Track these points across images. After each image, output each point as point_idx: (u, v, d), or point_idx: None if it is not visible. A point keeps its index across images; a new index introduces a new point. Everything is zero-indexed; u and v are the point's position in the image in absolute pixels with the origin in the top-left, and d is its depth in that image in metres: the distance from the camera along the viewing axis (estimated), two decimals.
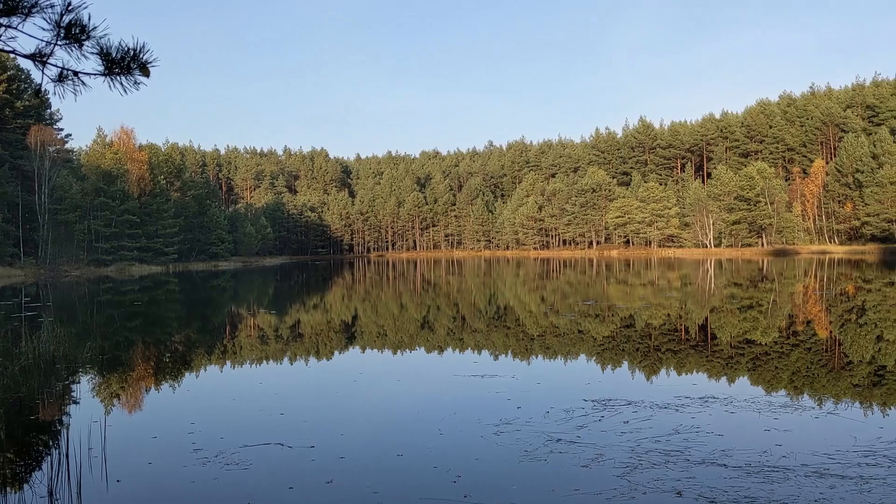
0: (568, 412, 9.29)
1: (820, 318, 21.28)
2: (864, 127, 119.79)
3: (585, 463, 7.14)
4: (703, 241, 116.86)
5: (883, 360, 13.40)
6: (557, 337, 17.65)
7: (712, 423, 8.62)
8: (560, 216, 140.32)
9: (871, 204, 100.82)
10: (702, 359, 13.99)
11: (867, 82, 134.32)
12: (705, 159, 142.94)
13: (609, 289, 36.10)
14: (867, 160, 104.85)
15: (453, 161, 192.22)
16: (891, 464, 6.90)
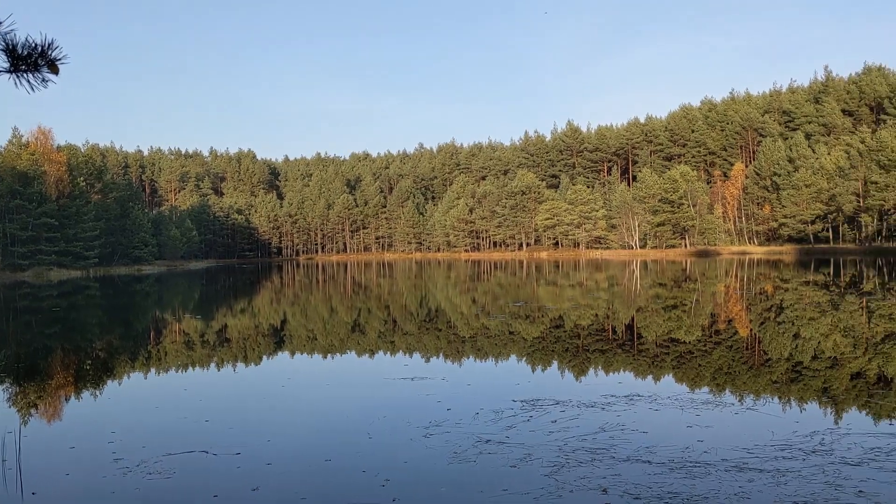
0: (497, 413, 9.31)
1: (740, 317, 21.92)
2: (781, 132, 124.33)
3: (514, 463, 7.15)
4: (630, 243, 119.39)
5: (799, 357, 13.85)
6: (488, 338, 17.71)
7: (637, 421, 8.75)
8: (490, 218, 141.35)
9: (788, 206, 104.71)
10: (628, 358, 14.23)
11: (784, 89, 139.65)
12: (631, 162, 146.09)
13: (539, 290, 36.49)
14: (784, 164, 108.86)
15: (384, 163, 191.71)
16: (805, 457, 7.11)
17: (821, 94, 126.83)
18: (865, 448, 7.38)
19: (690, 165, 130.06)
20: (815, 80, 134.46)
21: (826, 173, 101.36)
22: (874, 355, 13.61)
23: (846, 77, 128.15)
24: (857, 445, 7.49)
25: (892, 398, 9.84)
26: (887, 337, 16.17)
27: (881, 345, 14.95)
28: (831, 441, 7.67)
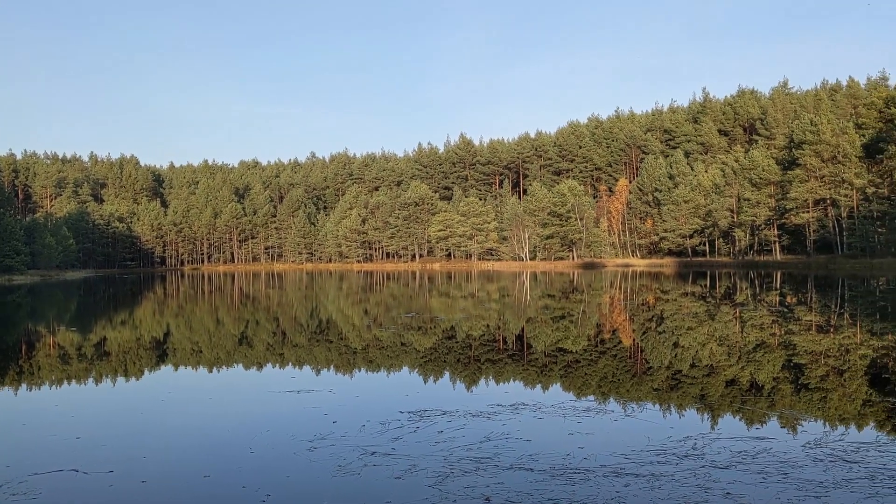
0: (384, 425, 9.19)
1: (624, 327, 22.61)
2: (663, 149, 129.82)
3: (399, 474, 7.07)
4: (520, 255, 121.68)
5: (679, 365, 14.37)
6: (380, 350, 17.55)
7: (521, 430, 8.83)
8: (383, 229, 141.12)
9: (668, 220, 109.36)
10: (517, 368, 14.38)
11: (665, 109, 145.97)
12: (521, 176, 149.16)
13: (431, 301, 36.57)
14: (665, 180, 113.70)
15: (274, 171, 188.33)
16: (679, 461, 7.36)
17: (699, 114, 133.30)
18: (734, 451, 7.71)
19: (578, 180, 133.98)
20: (693, 101, 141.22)
21: (703, 190, 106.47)
22: (746, 363, 14.27)
23: (722, 99, 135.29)
24: (726, 449, 7.81)
25: (761, 404, 10.31)
26: (758, 346, 17.00)
27: (753, 353, 15.69)
28: (703, 445, 7.96)
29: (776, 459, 7.38)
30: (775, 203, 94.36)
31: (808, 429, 8.78)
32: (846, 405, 10.30)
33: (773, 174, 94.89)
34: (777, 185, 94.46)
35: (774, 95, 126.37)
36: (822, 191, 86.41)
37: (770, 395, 11.02)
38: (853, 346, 16.46)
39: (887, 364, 13.81)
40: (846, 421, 9.32)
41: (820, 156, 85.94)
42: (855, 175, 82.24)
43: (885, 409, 9.81)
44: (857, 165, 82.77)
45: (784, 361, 14.47)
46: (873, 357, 14.71)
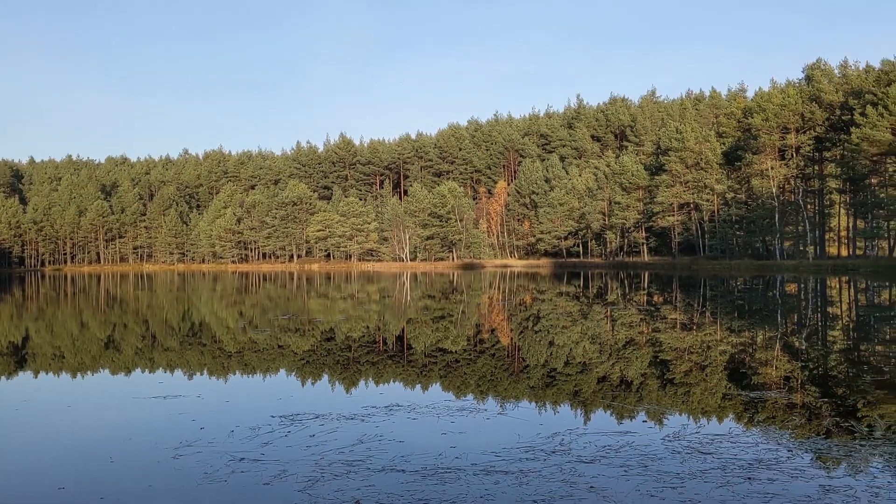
0: (254, 430, 8.99)
1: (502, 327, 23.07)
2: (539, 153, 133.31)
3: (268, 480, 6.94)
4: (401, 255, 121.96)
5: (554, 364, 14.80)
6: (255, 353, 17.15)
7: (395, 431, 8.85)
8: (260, 229, 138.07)
9: (545, 222, 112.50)
10: (396, 369, 14.40)
11: (542, 114, 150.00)
12: (402, 177, 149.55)
13: (310, 302, 36.09)
14: (541, 183, 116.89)
15: (144, 168, 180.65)
16: (547, 457, 7.56)
17: (574, 120, 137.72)
18: (599, 446, 7.97)
19: (458, 182, 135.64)
20: (568, 108, 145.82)
21: (577, 193, 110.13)
22: (617, 360, 14.86)
23: (595, 106, 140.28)
24: (592, 444, 8.06)
25: (630, 399, 10.77)
26: (628, 343, 17.75)
27: (622, 350, 16.36)
28: (570, 441, 8.20)
29: (638, 453, 7.69)
30: (644, 206, 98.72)
31: (669, 422, 9.22)
32: (706, 399, 10.90)
33: (642, 179, 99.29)
34: (645, 189, 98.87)
35: (643, 104, 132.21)
36: (686, 195, 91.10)
37: (638, 391, 11.51)
38: (714, 343, 17.44)
39: (744, 359, 14.71)
40: (704, 414, 9.86)
41: (684, 162, 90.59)
42: (716, 181, 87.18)
43: (741, 402, 10.44)
44: (718, 172, 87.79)
45: (651, 358, 15.15)
46: (732, 353, 15.63)
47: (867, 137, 65.57)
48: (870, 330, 20.85)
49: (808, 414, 9.58)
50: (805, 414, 9.57)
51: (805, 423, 9.01)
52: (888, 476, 6.78)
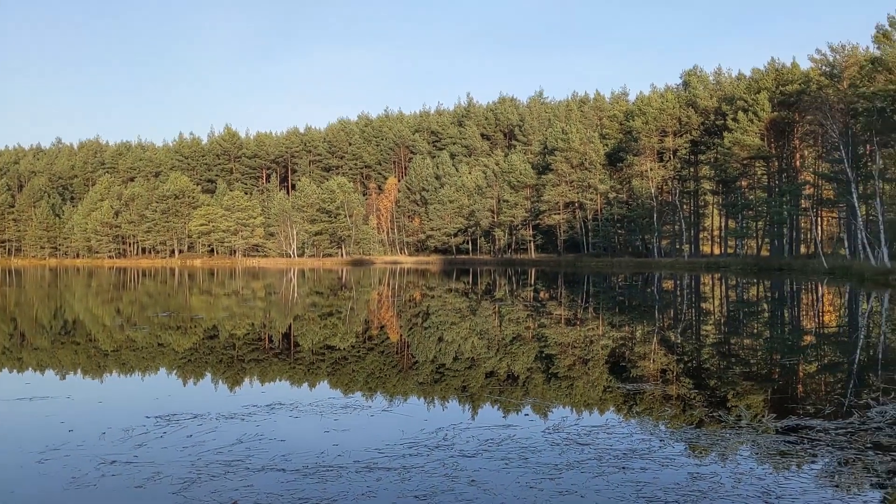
0: (127, 431, 8.63)
1: (392, 323, 23.09)
2: (430, 150, 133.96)
3: (140, 483, 6.69)
4: (288, 251, 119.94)
5: (442, 360, 14.93)
6: (133, 351, 16.49)
7: (276, 430, 8.71)
8: (139, 223, 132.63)
9: (434, 219, 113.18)
10: (282, 367, 14.17)
11: (432, 111, 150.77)
12: (290, 171, 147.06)
13: (192, 299, 34.99)
14: (431, 180, 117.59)
15: (12, 157, 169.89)
16: (430, 452, 7.62)
17: (464, 118, 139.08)
18: (481, 440, 8.08)
19: (348, 177, 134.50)
20: (458, 106, 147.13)
21: (467, 191, 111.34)
22: (504, 355, 15.14)
23: (485, 105, 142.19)
24: (474, 438, 8.17)
25: (516, 393, 11.00)
26: (515, 338, 18.12)
27: (510, 346, 16.69)
28: (454, 436, 8.29)
29: (519, 446, 7.85)
30: (531, 205, 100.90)
31: (551, 415, 9.46)
32: (588, 392, 11.26)
33: (530, 178, 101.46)
34: (533, 188, 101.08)
35: (531, 104, 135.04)
36: (571, 195, 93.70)
37: (524, 385, 11.76)
38: (596, 338, 18.04)
39: (624, 353, 15.28)
40: (585, 406, 10.19)
41: (570, 162, 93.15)
42: (599, 181, 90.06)
43: (620, 394, 10.84)
44: (601, 172, 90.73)
45: (537, 353, 15.52)
46: (613, 347, 16.21)
47: (738, 142, 69.28)
48: (739, 324, 22.09)
49: (682, 405, 10.04)
50: (678, 405, 10.03)
51: (678, 414, 9.44)
52: (751, 463, 7.19)
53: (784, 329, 20.91)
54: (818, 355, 15.49)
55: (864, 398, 10.06)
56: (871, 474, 6.73)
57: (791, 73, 71.06)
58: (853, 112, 51.19)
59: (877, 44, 54.01)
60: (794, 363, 14.13)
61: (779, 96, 69.27)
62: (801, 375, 12.73)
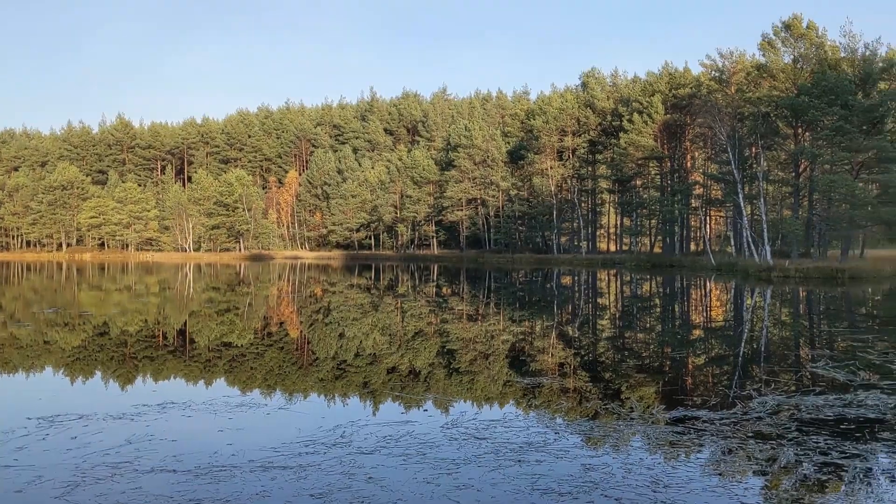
0: (7, 433, 8.19)
1: (292, 319, 22.74)
2: (332, 144, 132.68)
3: (20, 487, 6.37)
4: (183, 245, 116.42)
5: (343, 356, 14.82)
6: (17, 350, 15.64)
7: (167, 430, 8.45)
8: (24, 214, 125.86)
9: (336, 214, 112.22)
10: (176, 364, 13.75)
11: (335, 104, 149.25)
12: (186, 163, 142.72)
13: (80, 295, 33.49)
14: (333, 174, 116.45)
15: None
16: (327, 450, 7.56)
17: (367, 112, 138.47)
18: (380, 437, 8.07)
19: (247, 170, 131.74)
20: (362, 100, 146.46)
21: (370, 186, 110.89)
22: (406, 351, 15.15)
23: (388, 100, 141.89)
24: (373, 435, 8.16)
25: (417, 389, 11.02)
26: (417, 334, 18.16)
27: (412, 341, 16.72)
28: (352, 433, 8.24)
29: (418, 441, 7.88)
30: (434, 201, 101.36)
31: (450, 410, 9.54)
32: (488, 386, 11.40)
33: (433, 174, 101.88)
34: (436, 184, 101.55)
35: (435, 100, 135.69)
36: (473, 191, 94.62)
37: (425, 381, 11.80)
38: (497, 333, 18.28)
39: (524, 348, 15.54)
40: (483, 401, 10.31)
41: (472, 159, 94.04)
42: (501, 178, 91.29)
43: (519, 388, 11.01)
44: (503, 169, 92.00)
45: (439, 348, 15.61)
46: (513, 342, 16.46)
47: (633, 142, 71.54)
48: (633, 319, 22.83)
49: (578, 398, 10.30)
50: (575, 398, 10.28)
51: (574, 407, 9.67)
52: (642, 453, 7.44)
53: (675, 323, 21.75)
54: (706, 348, 16.18)
55: (747, 389, 10.57)
56: (752, 462, 7.07)
57: (683, 77, 73.88)
58: (740, 116, 53.65)
59: (762, 51, 56.82)
60: (684, 356, 14.72)
61: (672, 99, 71.89)
62: (690, 368, 13.27)
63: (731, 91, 60.85)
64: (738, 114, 53.64)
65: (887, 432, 8.09)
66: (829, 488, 6.35)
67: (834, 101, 44.34)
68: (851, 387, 10.54)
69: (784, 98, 49.81)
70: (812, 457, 7.18)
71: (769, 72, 55.19)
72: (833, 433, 8.03)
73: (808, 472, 6.75)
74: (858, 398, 9.74)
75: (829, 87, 44.57)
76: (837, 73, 47.04)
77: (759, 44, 56.65)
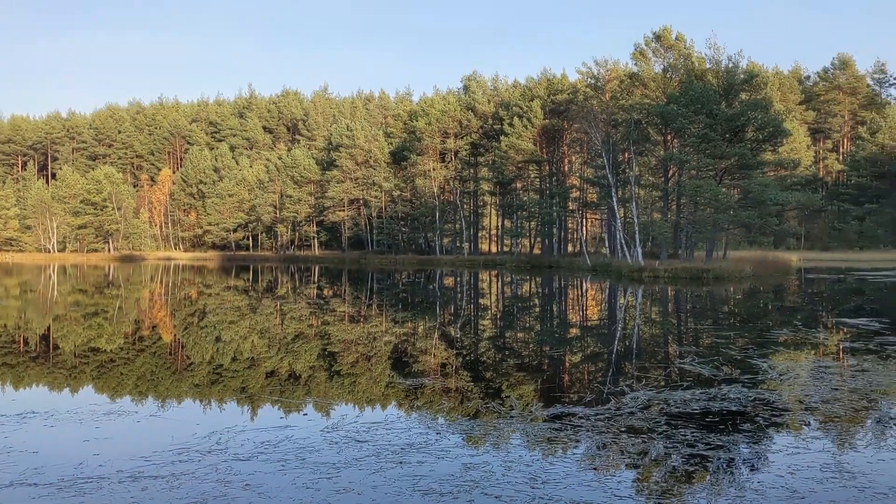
0: None
1: (165, 323, 21.87)
2: (208, 142, 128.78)
3: None
4: (47, 246, 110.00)
5: (220, 360, 14.36)
6: None
7: (28, 441, 7.95)
8: None
9: (213, 214, 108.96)
10: (38, 371, 12.93)
11: (211, 101, 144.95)
12: (50, 159, 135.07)
13: None
14: (210, 173, 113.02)
15: None
16: (201, 457, 7.31)
17: (245, 109, 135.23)
18: (257, 442, 7.87)
19: (116, 167, 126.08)
20: (239, 97, 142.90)
21: (248, 185, 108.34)
22: (286, 354, 14.84)
23: (268, 97, 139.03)
24: (250, 441, 7.94)
25: (298, 392, 10.80)
26: (297, 337, 17.84)
27: (291, 344, 16.40)
28: (228, 439, 8.00)
29: (296, 446, 7.71)
30: (315, 201, 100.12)
31: (330, 413, 9.40)
32: (370, 388, 11.31)
33: (314, 173, 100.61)
34: (317, 183, 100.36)
35: (316, 99, 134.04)
36: (356, 191, 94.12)
37: (306, 384, 11.59)
38: (379, 334, 18.20)
39: (406, 349, 15.54)
40: (365, 403, 10.23)
41: (354, 159, 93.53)
42: (384, 179, 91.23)
43: (402, 389, 10.99)
44: (386, 170, 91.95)
45: (320, 350, 15.38)
46: (395, 343, 16.43)
47: (514, 146, 73.07)
48: (513, 319, 23.28)
49: (460, 397, 10.38)
50: (457, 397, 10.36)
51: (456, 406, 9.74)
52: (521, 450, 7.57)
53: (553, 323, 22.33)
54: (582, 346, 16.68)
55: (620, 385, 10.95)
56: (625, 456, 7.33)
57: (561, 84, 76.08)
58: (614, 122, 55.72)
59: (635, 61, 59.32)
60: (562, 354, 15.12)
61: (550, 105, 73.86)
62: (568, 366, 13.64)
63: (606, 98, 63.15)
64: (613, 120, 55.68)
65: (748, 424, 8.57)
66: (695, 479, 6.66)
67: (700, 110, 46.70)
68: (715, 381, 11.11)
69: (654, 106, 52.07)
70: (680, 449, 7.50)
71: (641, 80, 57.65)
72: (699, 426, 8.43)
73: (676, 464, 7.05)
74: (722, 392, 10.27)
75: (696, 96, 46.91)
76: (703, 84, 49.58)
77: (632, 53, 59.16)
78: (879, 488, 6.31)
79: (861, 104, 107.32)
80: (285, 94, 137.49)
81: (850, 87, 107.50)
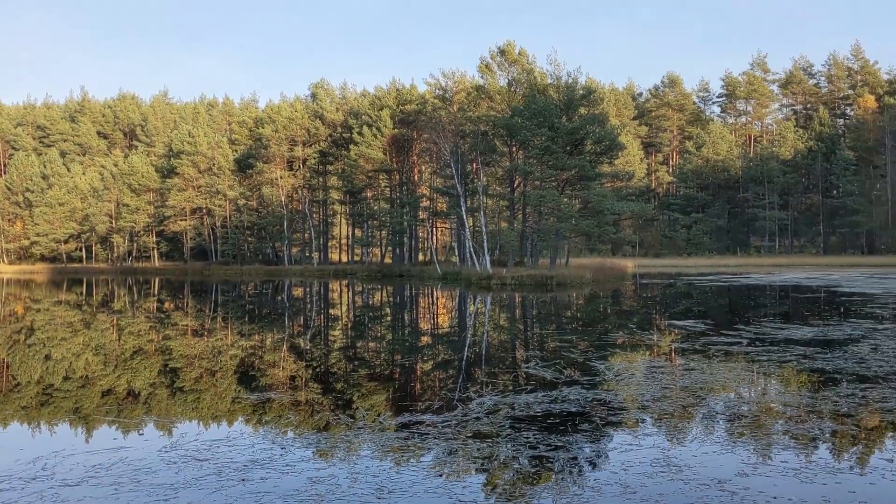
0: None
1: None
2: (35, 147, 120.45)
3: None
4: None
5: (51, 379, 13.39)
6: None
7: None
8: None
9: (41, 224, 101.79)
10: None
11: (39, 103, 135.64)
12: None
13: None
14: (38, 180, 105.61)
15: None
16: (24, 485, 6.74)
17: (77, 113, 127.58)
18: (88, 466, 7.39)
19: None
20: (71, 100, 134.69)
21: (81, 193, 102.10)
22: (124, 371, 14.05)
23: (102, 101, 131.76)
24: (80, 465, 7.45)
25: (137, 411, 10.24)
26: (136, 353, 16.93)
27: (130, 360, 15.54)
28: (55, 464, 7.47)
29: (132, 468, 7.30)
30: (154, 210, 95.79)
31: (170, 432, 8.97)
32: (214, 405, 10.89)
33: (153, 181, 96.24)
34: (157, 192, 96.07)
35: (155, 103, 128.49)
36: (198, 200, 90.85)
37: (146, 402, 11.00)
38: (225, 348, 17.59)
39: (253, 362, 15.10)
40: (208, 420, 9.84)
41: (197, 166, 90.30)
42: (228, 187, 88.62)
43: (248, 405, 10.65)
44: (231, 178, 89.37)
45: (161, 367, 14.66)
46: (242, 357, 15.92)
47: (363, 155, 73.07)
48: (364, 328, 23.19)
49: (309, 410, 10.18)
50: (305, 410, 10.16)
51: (304, 420, 9.55)
52: (368, 461, 7.52)
53: (404, 331, 22.43)
54: (433, 354, 16.85)
55: (468, 391, 11.14)
56: (472, 461, 7.44)
57: (410, 94, 76.93)
58: (462, 133, 56.94)
59: (481, 74, 60.91)
60: (413, 363, 15.20)
61: (399, 114, 74.48)
62: (418, 374, 13.72)
63: (454, 109, 64.43)
64: (461, 131, 56.88)
65: (586, 424, 8.94)
66: (541, 479, 6.85)
67: (542, 123, 48.58)
68: (557, 384, 11.52)
69: (500, 118, 53.67)
70: (524, 451, 7.71)
71: (487, 93, 59.27)
72: (542, 428, 8.70)
73: (521, 466, 7.23)
74: (563, 394, 10.67)
75: (539, 110, 48.77)
76: (545, 98, 51.63)
77: (479, 66, 60.77)
78: (703, 480, 6.75)
79: (688, 120, 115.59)
80: (122, 97, 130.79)
81: (678, 104, 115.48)
